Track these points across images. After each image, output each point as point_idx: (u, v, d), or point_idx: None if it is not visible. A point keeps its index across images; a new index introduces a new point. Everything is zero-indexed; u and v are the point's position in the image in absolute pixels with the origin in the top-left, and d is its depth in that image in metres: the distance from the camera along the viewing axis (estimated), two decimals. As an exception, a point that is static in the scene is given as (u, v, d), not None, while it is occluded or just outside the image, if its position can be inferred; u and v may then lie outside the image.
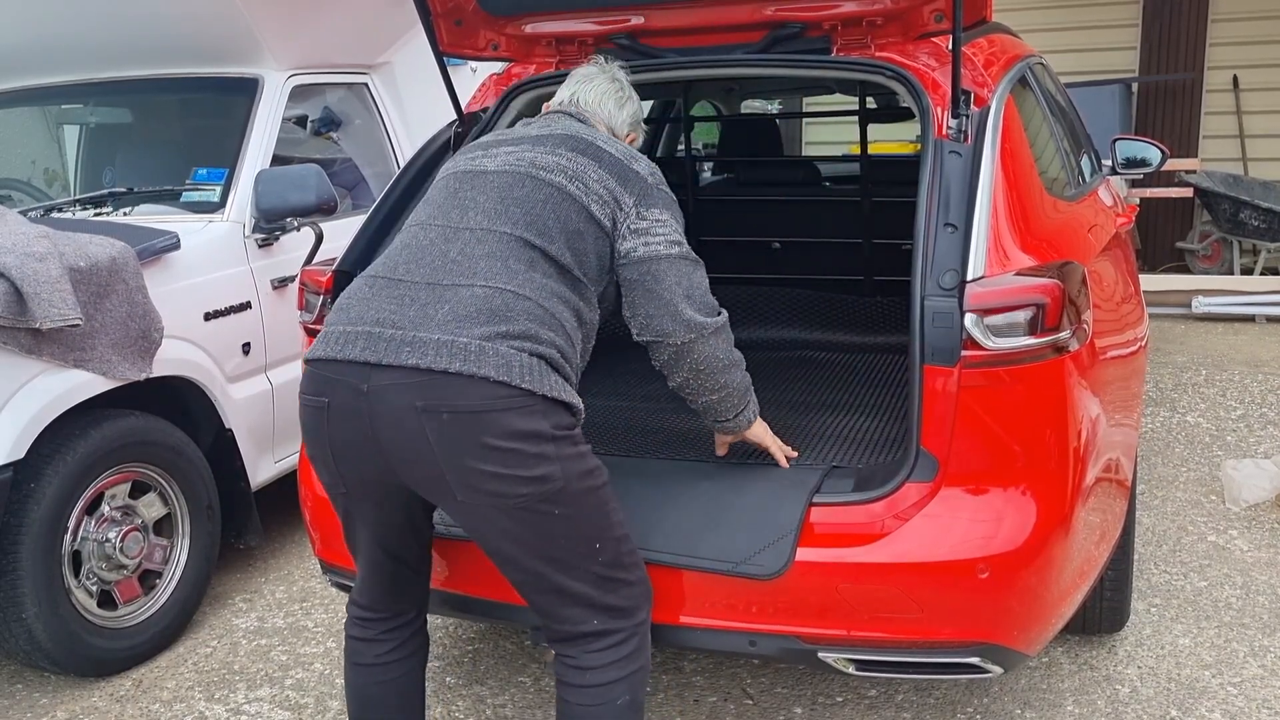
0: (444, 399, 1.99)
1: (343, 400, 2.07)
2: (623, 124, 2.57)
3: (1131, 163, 4.22)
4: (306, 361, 2.17)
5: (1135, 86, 8.62)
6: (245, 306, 3.78)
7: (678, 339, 2.29)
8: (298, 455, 3.00)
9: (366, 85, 4.70)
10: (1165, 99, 8.57)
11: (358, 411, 2.06)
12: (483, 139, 2.49)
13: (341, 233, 3.40)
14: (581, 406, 2.16)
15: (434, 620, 3.28)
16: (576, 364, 2.21)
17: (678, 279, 2.28)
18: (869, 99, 4.69)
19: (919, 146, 2.83)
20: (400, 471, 2.09)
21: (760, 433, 2.58)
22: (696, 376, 2.36)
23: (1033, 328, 2.27)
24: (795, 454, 2.64)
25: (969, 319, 2.26)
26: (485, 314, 2.05)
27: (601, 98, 2.56)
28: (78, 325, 3.03)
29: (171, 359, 3.43)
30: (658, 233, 2.28)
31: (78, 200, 4.09)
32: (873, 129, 4.62)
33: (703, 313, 2.31)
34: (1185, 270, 8.39)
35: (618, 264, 2.30)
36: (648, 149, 5.99)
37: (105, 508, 3.27)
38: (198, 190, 3.95)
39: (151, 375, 3.33)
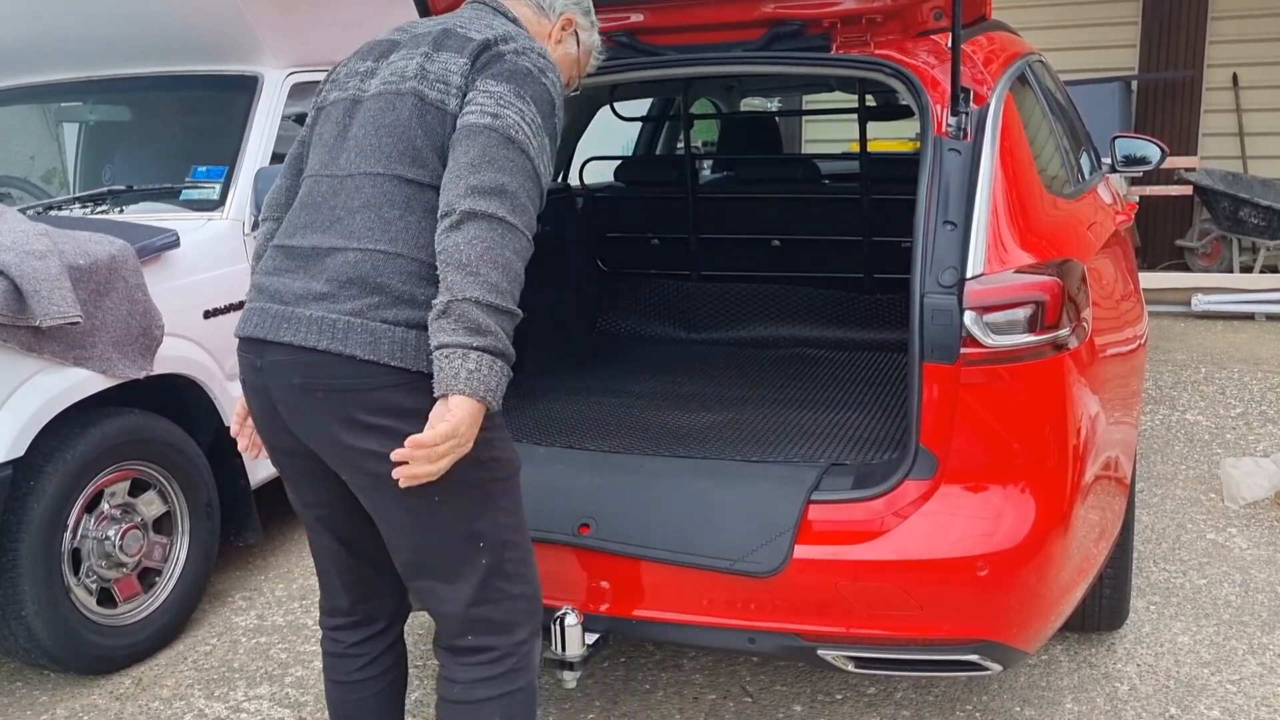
0: (318, 377, 1.96)
1: (248, 377, 2.09)
2: None
3: (1131, 160, 4.22)
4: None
5: (1135, 84, 8.61)
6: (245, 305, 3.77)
7: (453, 214, 1.87)
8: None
9: (366, 83, 4.69)
10: (1165, 97, 8.57)
11: (259, 387, 2.06)
12: (379, 39, 2.20)
13: (341, 230, 3.39)
14: None
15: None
16: None
17: (477, 150, 1.90)
18: (868, 96, 4.69)
19: (918, 144, 2.82)
20: (306, 443, 2.06)
21: (461, 414, 1.82)
22: (455, 268, 1.85)
23: (1032, 325, 2.27)
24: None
25: (968, 316, 2.26)
26: (356, 283, 1.95)
27: None
28: (78, 323, 3.03)
29: (171, 357, 3.43)
30: (480, 101, 1.95)
31: (77, 198, 4.09)
32: (872, 127, 4.61)
33: (480, 191, 1.87)
34: (1185, 268, 8.40)
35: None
36: (647, 146, 6.00)
37: (105, 505, 3.27)
38: (197, 188, 3.94)
39: (151, 373, 3.33)
